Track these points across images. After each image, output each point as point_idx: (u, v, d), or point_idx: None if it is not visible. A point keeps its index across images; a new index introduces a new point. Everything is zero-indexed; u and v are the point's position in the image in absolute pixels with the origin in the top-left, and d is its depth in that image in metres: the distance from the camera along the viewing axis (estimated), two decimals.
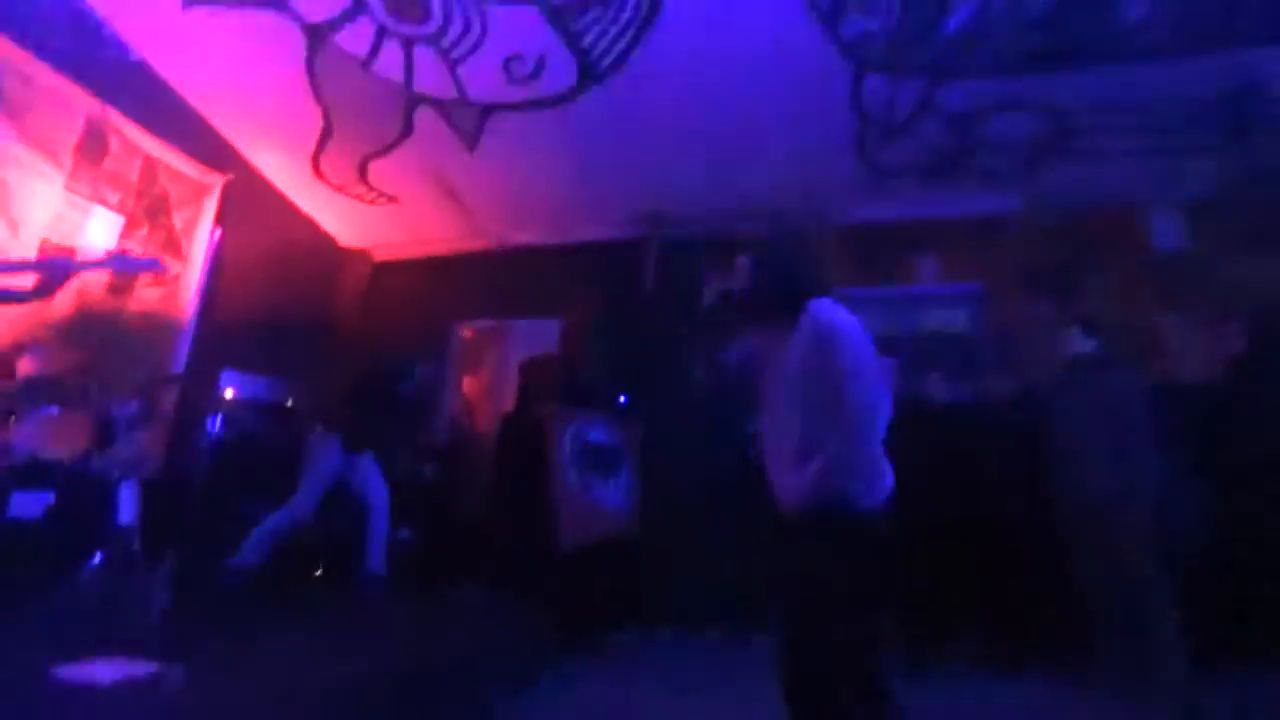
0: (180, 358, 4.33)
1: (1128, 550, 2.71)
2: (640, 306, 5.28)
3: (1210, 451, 2.96)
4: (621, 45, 3.78)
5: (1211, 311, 4.05)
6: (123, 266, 2.30)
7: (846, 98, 4.03)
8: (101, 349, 3.84)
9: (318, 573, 3.76)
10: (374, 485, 3.71)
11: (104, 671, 1.72)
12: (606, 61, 3.90)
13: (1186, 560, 2.69)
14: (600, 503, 4.11)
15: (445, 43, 3.86)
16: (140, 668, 1.80)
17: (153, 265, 2.44)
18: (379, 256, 6.25)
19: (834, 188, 4.86)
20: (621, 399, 4.81)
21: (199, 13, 3.75)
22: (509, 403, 5.08)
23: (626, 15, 3.63)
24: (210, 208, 4.56)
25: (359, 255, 6.23)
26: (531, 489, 4.03)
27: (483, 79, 4.08)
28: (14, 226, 3.31)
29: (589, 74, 3.99)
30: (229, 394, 4.21)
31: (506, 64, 3.98)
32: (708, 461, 4.33)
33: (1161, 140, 4.13)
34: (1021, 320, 4.58)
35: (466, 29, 3.76)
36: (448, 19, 3.72)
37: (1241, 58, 3.50)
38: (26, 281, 3.13)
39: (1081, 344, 3.08)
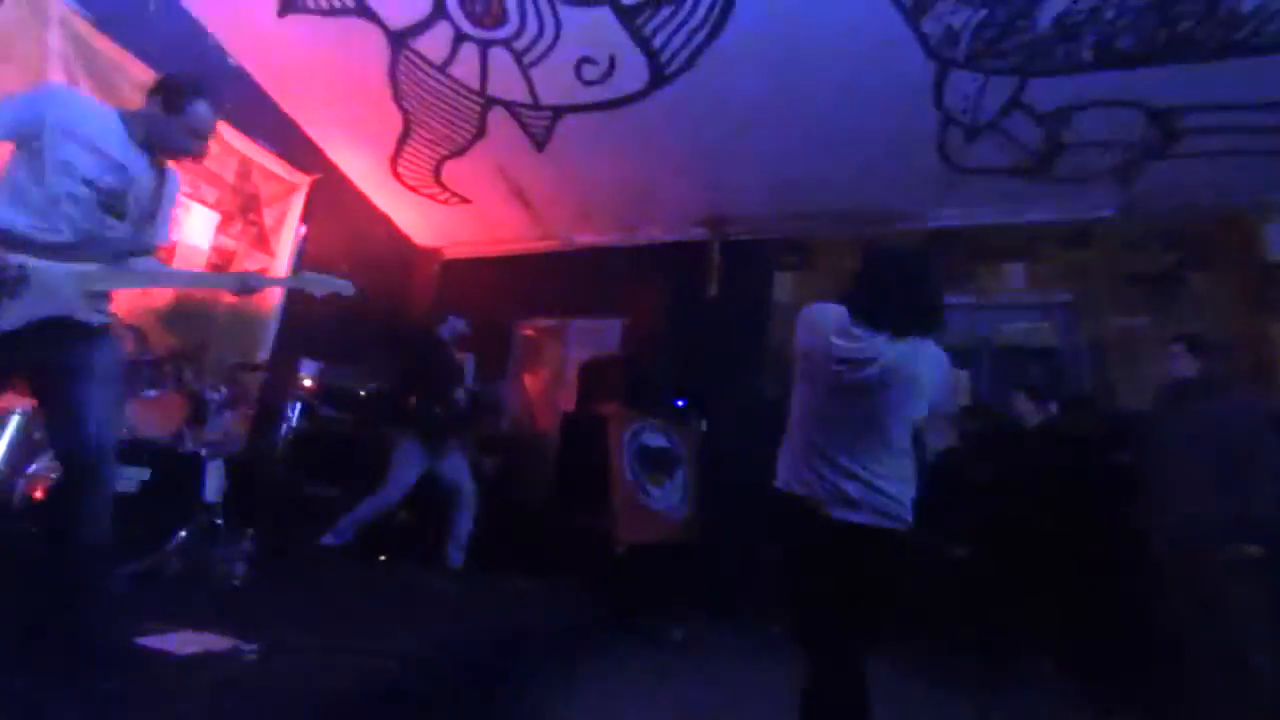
0: (266, 346, 4.60)
1: (1229, 589, 2.46)
2: (704, 309, 5.22)
3: None
4: (694, 45, 3.74)
5: None
6: (314, 285, 2.45)
7: (929, 96, 3.85)
8: (196, 335, 4.11)
9: (382, 557, 3.89)
10: (462, 482, 3.78)
11: (184, 642, 1.82)
12: (678, 61, 3.87)
13: None
14: (657, 505, 4.09)
15: (520, 45, 3.93)
16: (217, 641, 1.90)
17: (342, 287, 2.56)
18: (449, 254, 6.45)
19: (913, 190, 4.66)
20: (680, 402, 4.77)
21: (291, 21, 3.97)
22: (569, 402, 5.13)
23: (699, 14, 3.59)
24: (297, 206, 4.82)
25: (431, 253, 6.44)
26: (591, 488, 4.04)
27: (555, 81, 4.13)
28: None
29: (659, 74, 3.98)
30: (308, 382, 4.42)
31: (578, 66, 4.01)
32: (768, 467, 4.24)
33: (1275, 141, 3.74)
34: (1117, 333, 4.25)
35: (541, 31, 3.82)
36: (523, 21, 3.78)
37: None
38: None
39: (1187, 365, 2.82)
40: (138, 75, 3.62)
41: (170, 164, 1.98)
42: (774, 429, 1.91)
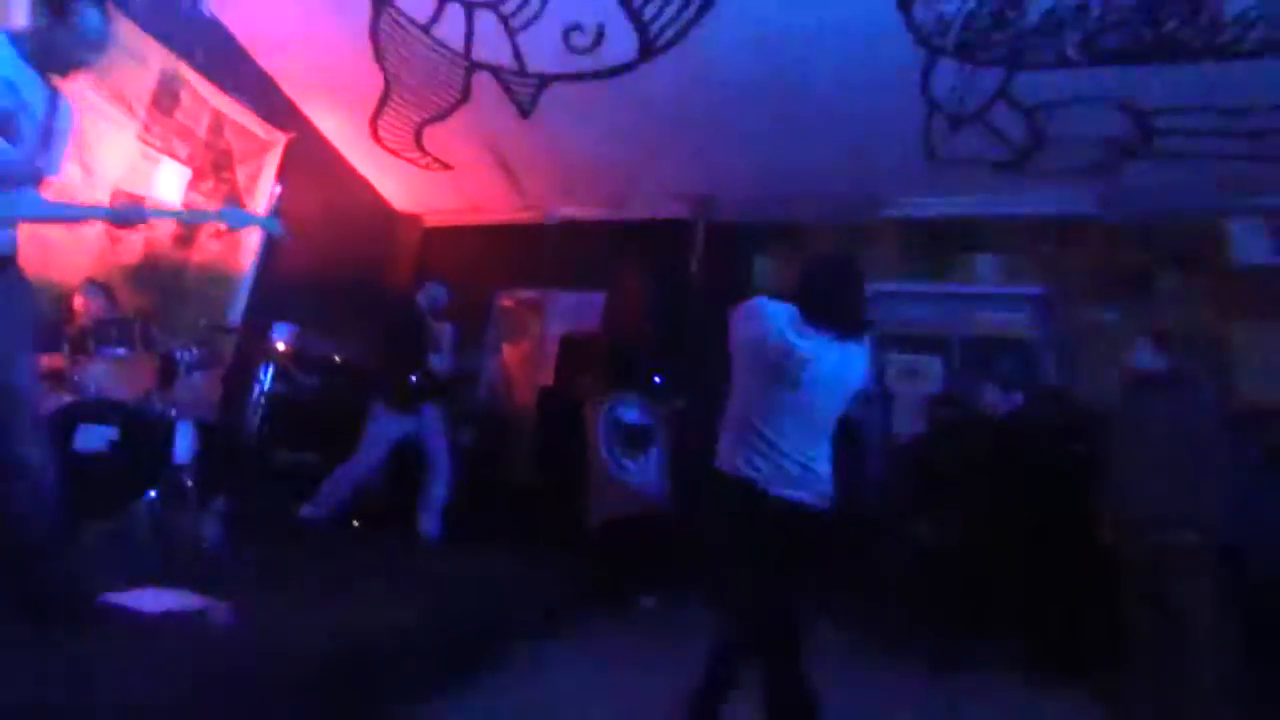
0: (238, 308, 4.51)
1: (1179, 578, 2.58)
2: (685, 287, 5.23)
3: None
4: (684, 18, 3.69)
5: None
6: (235, 221, 2.34)
7: (915, 83, 3.86)
8: (166, 296, 4.02)
9: (355, 523, 3.90)
10: (436, 450, 3.75)
11: (153, 600, 1.82)
12: (668, 35, 3.82)
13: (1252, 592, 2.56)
14: (632, 480, 4.14)
15: (506, 9, 3.83)
16: (189, 600, 1.90)
17: (267, 225, 2.45)
18: (430, 222, 6.35)
19: (894, 177, 4.70)
20: (657, 379, 4.79)
21: None
22: (548, 375, 5.13)
23: None
24: (272, 164, 4.69)
25: (411, 219, 6.33)
26: (567, 461, 4.07)
27: (542, 48, 4.05)
28: (89, 172, 3.46)
29: (649, 47, 3.92)
30: (280, 346, 4.35)
31: (566, 34, 3.94)
32: None
33: (1253, 145, 3.84)
34: (1087, 328, 4.37)
35: None
36: None
37: None
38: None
39: (1152, 359, 2.91)
40: None
41: (63, 92, 1.83)
42: None
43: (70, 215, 2.01)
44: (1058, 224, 4.64)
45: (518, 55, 4.16)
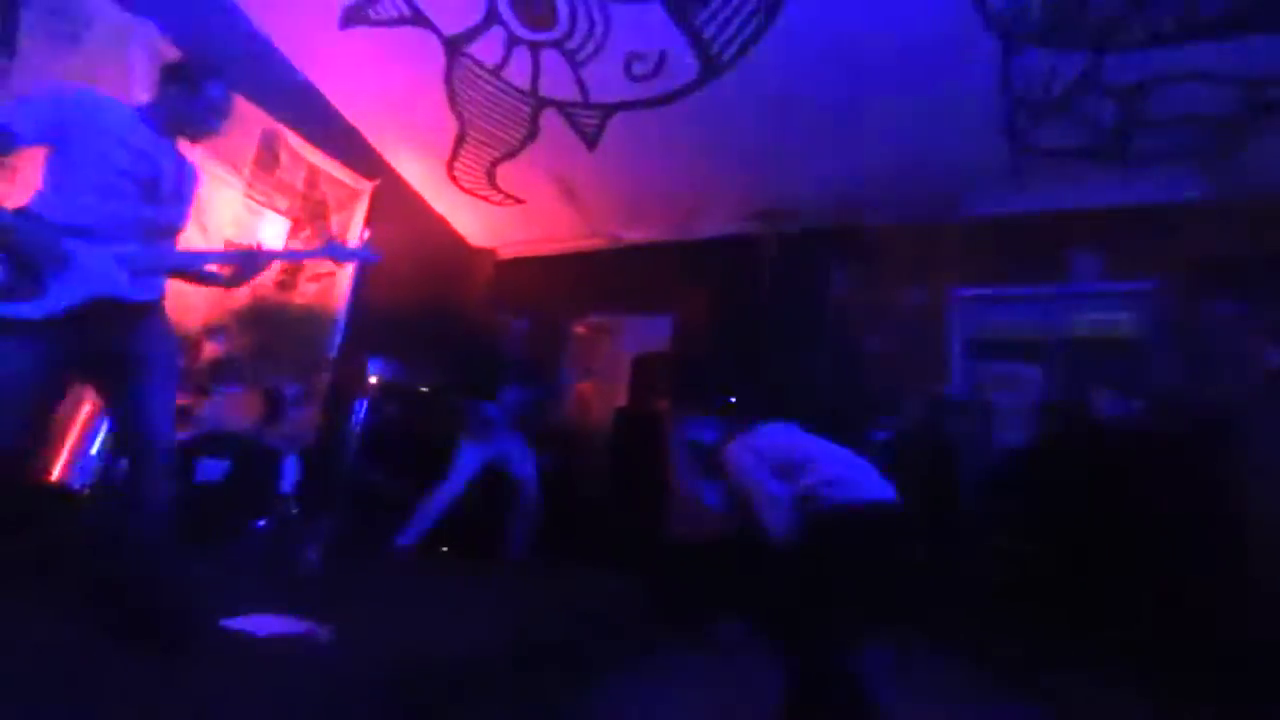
0: (334, 345, 4.83)
1: None
2: (758, 304, 5.15)
3: None
4: (745, 34, 3.69)
5: None
6: (338, 255, 2.59)
7: (994, 75, 3.67)
8: (272, 335, 4.35)
9: (444, 549, 4.02)
10: (522, 477, 3.87)
11: (264, 624, 1.94)
12: (729, 52, 3.83)
13: None
14: (709, 501, 4.06)
15: (570, 45, 3.97)
16: (295, 624, 2.01)
17: (365, 255, 2.71)
18: (502, 254, 6.59)
19: (978, 175, 4.45)
20: (731, 398, 4.71)
21: (353, 33, 4.14)
22: (622, 398, 5.16)
23: (750, 4, 3.53)
24: (361, 210, 5.04)
25: (485, 253, 6.60)
26: (645, 485, 4.05)
27: (605, 78, 4.15)
28: (204, 230, 3.83)
29: (710, 66, 3.94)
30: (374, 379, 4.62)
31: (628, 62, 4.02)
32: None
33: None
34: (1206, 324, 3.95)
35: (591, 29, 3.84)
36: (574, 22, 3.82)
37: None
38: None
39: None
40: None
41: (187, 157, 2.04)
42: (825, 424, 1.89)
43: (207, 261, 2.27)
44: (1162, 212, 4.24)
45: (582, 88, 4.29)
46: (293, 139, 4.42)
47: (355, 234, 5.00)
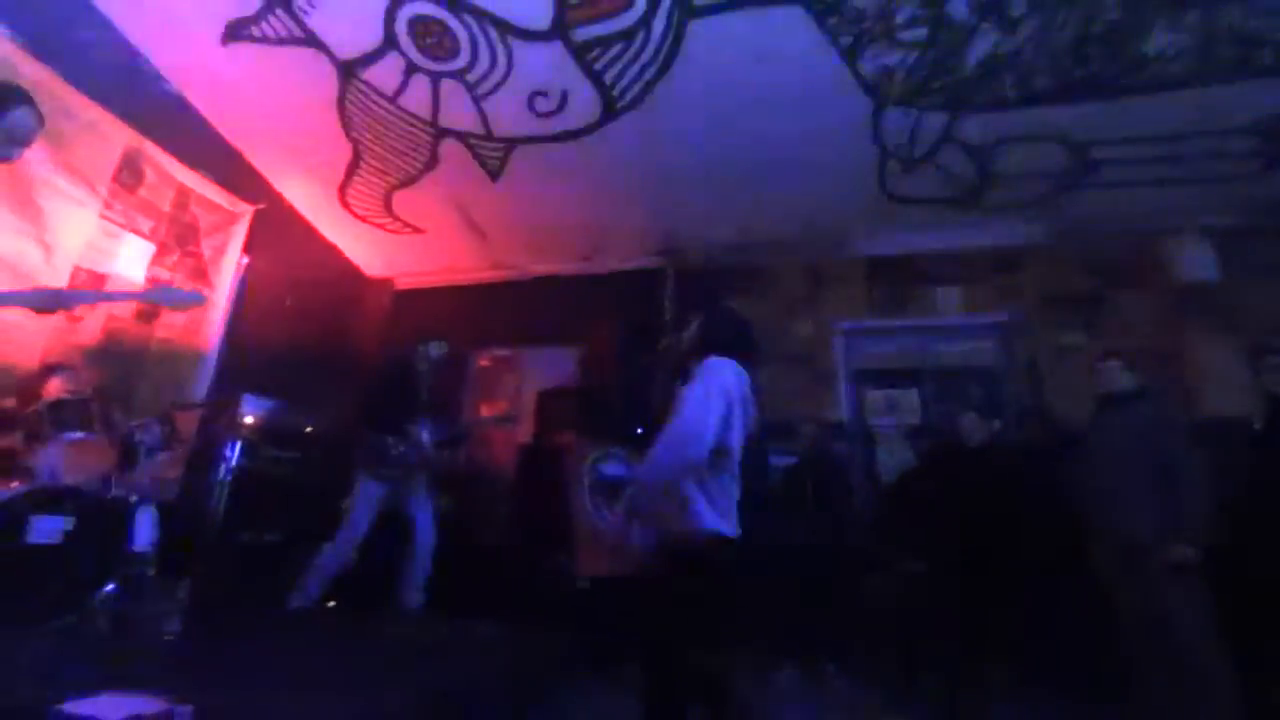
0: (203, 384, 4.38)
1: (1168, 591, 2.59)
2: (658, 337, 5.26)
3: (1255, 487, 2.84)
4: (645, 80, 3.84)
5: (1247, 342, 3.95)
6: (163, 299, 2.40)
7: (867, 131, 4.05)
8: (127, 374, 3.89)
9: (331, 604, 3.69)
10: (421, 521, 3.62)
11: (114, 706, 1.67)
12: (629, 96, 3.96)
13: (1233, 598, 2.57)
14: (616, 536, 4.03)
15: (472, 78, 3.95)
16: (151, 704, 1.75)
17: (195, 299, 2.52)
18: (401, 285, 6.33)
19: (854, 219, 4.88)
20: (638, 430, 4.75)
21: (236, 49, 3.89)
22: (526, 433, 5.04)
23: (649, 51, 3.69)
24: (239, 236, 4.66)
25: (381, 283, 6.31)
26: (551, 521, 3.95)
27: (508, 113, 4.16)
28: (48, 251, 3.39)
29: (612, 108, 4.06)
30: (249, 420, 4.20)
31: (531, 99, 4.06)
32: None
33: (1189, 170, 4.09)
34: (1051, 351, 4.50)
35: (493, 65, 3.85)
36: (475, 55, 3.81)
37: (1269, 88, 3.48)
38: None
39: (1120, 379, 2.99)
40: (69, 101, 3.48)
41: None
42: None
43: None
44: (1011, 254, 4.83)
45: (484, 121, 4.27)
46: (161, 157, 4.04)
47: (231, 259, 4.61)
